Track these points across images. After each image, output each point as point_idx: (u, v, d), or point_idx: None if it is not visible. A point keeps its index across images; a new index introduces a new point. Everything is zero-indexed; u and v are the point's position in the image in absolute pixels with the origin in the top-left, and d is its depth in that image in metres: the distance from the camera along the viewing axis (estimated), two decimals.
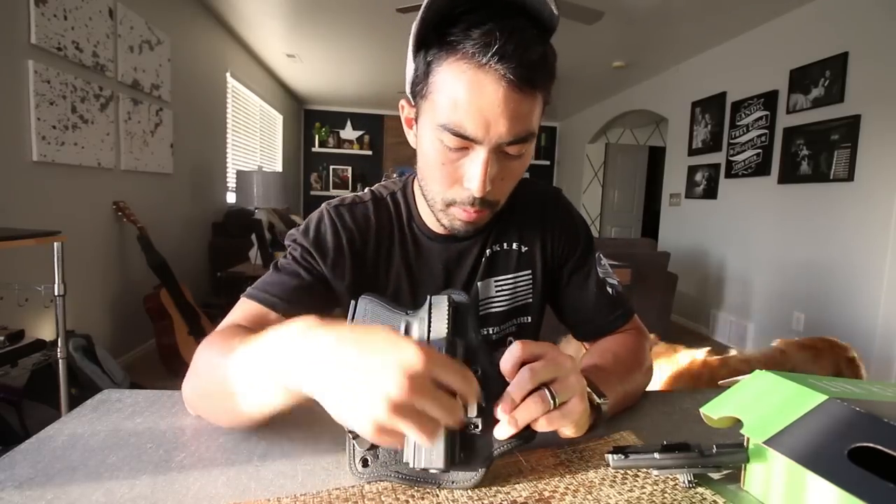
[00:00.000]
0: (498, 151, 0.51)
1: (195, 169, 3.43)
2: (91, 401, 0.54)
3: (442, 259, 0.66)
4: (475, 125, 0.48)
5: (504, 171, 0.53)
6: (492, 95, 0.47)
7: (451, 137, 0.49)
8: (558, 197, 0.73)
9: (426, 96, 0.52)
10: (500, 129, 0.48)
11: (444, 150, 0.51)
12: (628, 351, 0.64)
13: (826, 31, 2.84)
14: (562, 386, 0.39)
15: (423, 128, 0.54)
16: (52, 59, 2.01)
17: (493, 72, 0.46)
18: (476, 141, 0.49)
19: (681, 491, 0.39)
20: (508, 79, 0.46)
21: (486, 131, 0.48)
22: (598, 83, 5.03)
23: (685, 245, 4.13)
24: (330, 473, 0.41)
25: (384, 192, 0.69)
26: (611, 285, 0.71)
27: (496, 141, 0.49)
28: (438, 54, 0.49)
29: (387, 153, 6.82)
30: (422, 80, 0.52)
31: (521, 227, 0.69)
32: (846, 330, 2.70)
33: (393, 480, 0.39)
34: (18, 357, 1.56)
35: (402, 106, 0.59)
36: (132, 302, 2.63)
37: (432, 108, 0.51)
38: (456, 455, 0.37)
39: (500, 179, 0.53)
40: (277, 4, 3.36)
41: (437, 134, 0.51)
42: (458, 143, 0.50)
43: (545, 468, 0.42)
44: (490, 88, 0.47)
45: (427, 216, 0.65)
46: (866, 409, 0.34)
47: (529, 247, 0.69)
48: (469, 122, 0.48)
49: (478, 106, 0.47)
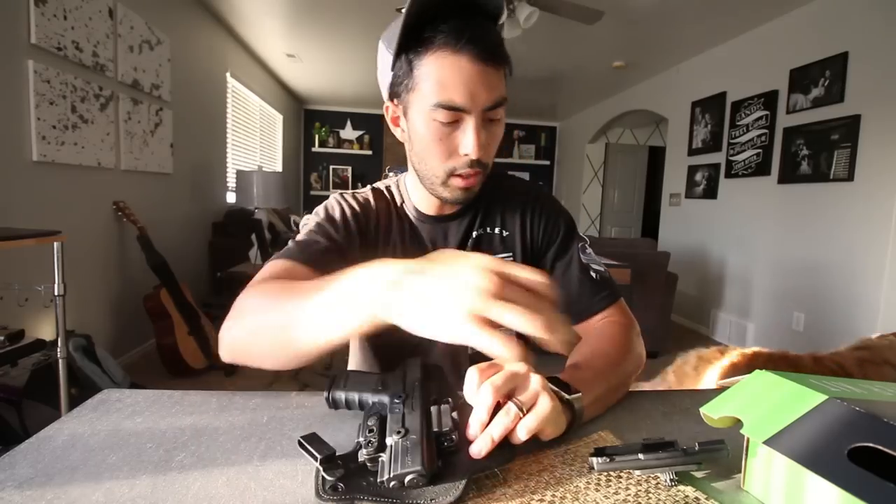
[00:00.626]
0: (483, 120, 0.61)
1: (195, 169, 3.43)
2: (91, 401, 0.54)
3: (430, 237, 0.76)
4: (463, 97, 0.58)
5: (489, 136, 0.63)
6: (470, 71, 0.57)
7: (445, 112, 0.59)
8: (539, 190, 0.81)
9: (413, 89, 0.61)
10: (482, 97, 0.58)
11: (439, 128, 0.60)
12: (610, 342, 0.65)
13: (826, 31, 2.84)
14: (523, 391, 0.42)
15: (414, 116, 0.63)
16: (52, 59, 2.01)
17: (467, 53, 0.57)
18: (465, 110, 0.59)
19: (664, 490, 0.39)
20: (481, 56, 0.57)
21: (472, 100, 0.58)
22: (598, 83, 5.03)
23: (685, 245, 4.13)
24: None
25: (381, 185, 0.80)
26: (595, 270, 0.74)
27: (481, 107, 0.59)
28: (417, 52, 0.59)
29: (387, 153, 6.82)
30: (406, 78, 0.61)
31: (504, 213, 0.77)
32: (846, 330, 2.70)
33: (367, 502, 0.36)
34: (18, 357, 1.56)
35: (387, 108, 0.69)
36: (132, 302, 2.63)
37: (422, 96, 0.60)
38: (434, 461, 0.37)
39: (487, 143, 0.63)
40: (277, 4, 3.36)
41: (430, 115, 0.60)
42: (451, 117, 0.59)
43: (530, 475, 0.41)
44: (468, 66, 0.57)
45: (419, 201, 0.75)
46: (866, 408, 0.34)
47: (510, 231, 0.77)
48: (457, 95, 0.58)
49: (461, 81, 0.57)
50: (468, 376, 0.42)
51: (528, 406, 0.41)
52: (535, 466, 0.43)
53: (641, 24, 3.42)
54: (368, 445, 0.38)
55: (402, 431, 0.39)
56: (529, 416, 0.40)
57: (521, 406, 0.40)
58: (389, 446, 0.38)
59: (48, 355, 1.69)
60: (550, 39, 3.73)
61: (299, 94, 6.10)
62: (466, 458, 0.39)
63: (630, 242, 3.77)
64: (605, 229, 6.42)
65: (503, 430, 0.39)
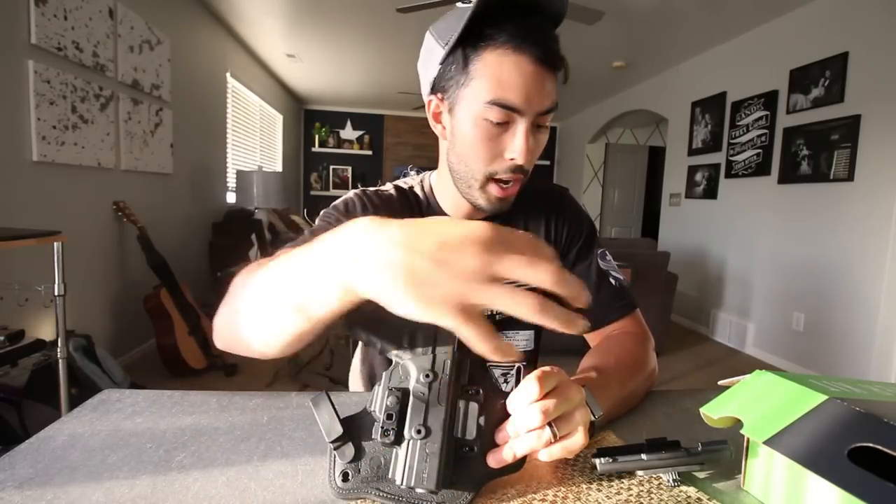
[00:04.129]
0: (534, 125, 0.59)
1: (195, 169, 3.43)
2: (91, 401, 0.54)
3: None
4: (519, 97, 0.56)
5: (536, 143, 0.61)
6: (529, 73, 0.56)
7: (499, 111, 0.57)
8: (564, 193, 0.79)
9: (466, 84, 0.59)
10: (537, 100, 0.57)
11: (488, 127, 0.58)
12: (630, 354, 0.63)
13: (826, 31, 2.84)
14: (566, 422, 0.39)
15: (462, 113, 0.60)
16: (52, 59, 2.01)
17: (527, 55, 0.56)
18: (519, 111, 0.57)
19: (666, 490, 0.39)
20: (542, 59, 0.56)
21: (527, 102, 0.57)
22: (598, 83, 5.03)
23: (685, 245, 4.13)
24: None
25: (404, 185, 0.76)
26: (614, 278, 0.72)
27: (535, 110, 0.57)
28: (476, 47, 0.57)
29: (387, 153, 6.82)
30: (459, 72, 0.59)
31: (528, 215, 0.75)
32: (846, 330, 2.70)
33: (374, 498, 0.36)
34: (18, 357, 1.56)
35: (430, 102, 0.66)
36: (132, 302, 2.63)
37: (475, 93, 0.58)
38: (448, 476, 0.36)
39: (533, 150, 0.61)
40: (277, 4, 3.36)
41: (482, 113, 0.58)
42: (503, 117, 0.57)
43: (532, 475, 0.41)
44: (527, 67, 0.56)
45: (447, 204, 0.72)
46: (866, 409, 0.34)
47: (534, 233, 0.72)
48: (514, 95, 0.56)
49: (520, 82, 0.56)
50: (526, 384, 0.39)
51: (561, 435, 0.39)
52: (537, 466, 0.43)
53: (641, 24, 3.42)
54: (386, 435, 0.36)
55: (423, 431, 0.37)
56: (557, 446, 0.39)
57: (556, 434, 0.38)
58: (407, 442, 0.37)
59: (48, 355, 1.68)
60: None
61: (299, 94, 6.10)
62: (481, 466, 0.38)
63: (630, 242, 3.77)
64: (605, 229, 6.42)
65: (528, 450, 0.38)
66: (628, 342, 0.67)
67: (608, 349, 0.64)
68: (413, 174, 0.82)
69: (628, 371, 0.59)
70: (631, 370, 0.60)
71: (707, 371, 3.04)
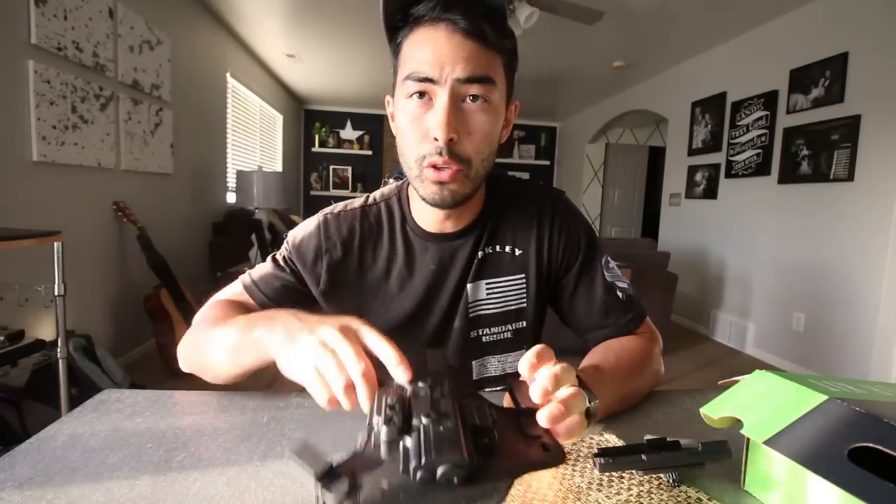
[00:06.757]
0: (458, 98, 0.55)
1: (195, 169, 3.43)
2: (91, 401, 0.54)
3: (434, 259, 0.67)
4: (431, 66, 0.54)
5: (469, 123, 0.56)
6: (445, 41, 0.54)
7: (413, 83, 0.55)
8: (558, 201, 0.71)
9: (397, 71, 0.58)
10: (451, 67, 0.54)
11: (412, 107, 0.56)
12: (632, 353, 0.63)
13: (826, 31, 2.84)
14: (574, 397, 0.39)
15: (397, 102, 0.59)
16: (52, 59, 2.01)
17: (445, 24, 0.54)
18: (432, 80, 0.54)
19: (666, 490, 0.39)
20: (459, 27, 0.54)
21: (440, 70, 0.54)
22: (598, 83, 5.03)
23: (685, 245, 4.13)
24: None
25: (379, 198, 0.72)
26: (620, 289, 0.69)
27: (451, 77, 0.54)
28: (404, 32, 0.57)
29: (387, 153, 6.81)
30: (394, 64, 0.59)
31: (516, 229, 0.69)
32: (846, 330, 2.70)
33: None
34: (18, 357, 1.56)
35: (387, 102, 0.65)
36: (132, 302, 2.63)
37: (399, 77, 0.58)
38: (474, 455, 0.29)
39: (466, 133, 0.56)
40: (277, 4, 3.36)
41: (403, 90, 0.56)
42: (418, 87, 0.55)
43: (532, 475, 0.41)
44: (443, 36, 0.54)
45: (419, 216, 0.68)
46: (866, 409, 0.34)
47: (524, 250, 0.69)
48: (426, 64, 0.54)
49: (433, 52, 0.54)
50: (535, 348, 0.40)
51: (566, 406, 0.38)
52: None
53: (641, 24, 3.42)
54: (390, 423, 0.31)
55: (434, 415, 0.31)
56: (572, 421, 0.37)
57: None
58: (417, 428, 0.30)
59: (48, 355, 1.68)
60: (550, 40, 3.73)
61: (299, 94, 6.10)
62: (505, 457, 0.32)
63: (630, 242, 3.77)
64: (605, 229, 6.42)
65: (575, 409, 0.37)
66: (632, 342, 0.66)
67: (610, 348, 0.64)
68: (392, 182, 0.78)
69: (629, 369, 0.58)
70: (632, 368, 0.59)
71: (707, 371, 3.04)
